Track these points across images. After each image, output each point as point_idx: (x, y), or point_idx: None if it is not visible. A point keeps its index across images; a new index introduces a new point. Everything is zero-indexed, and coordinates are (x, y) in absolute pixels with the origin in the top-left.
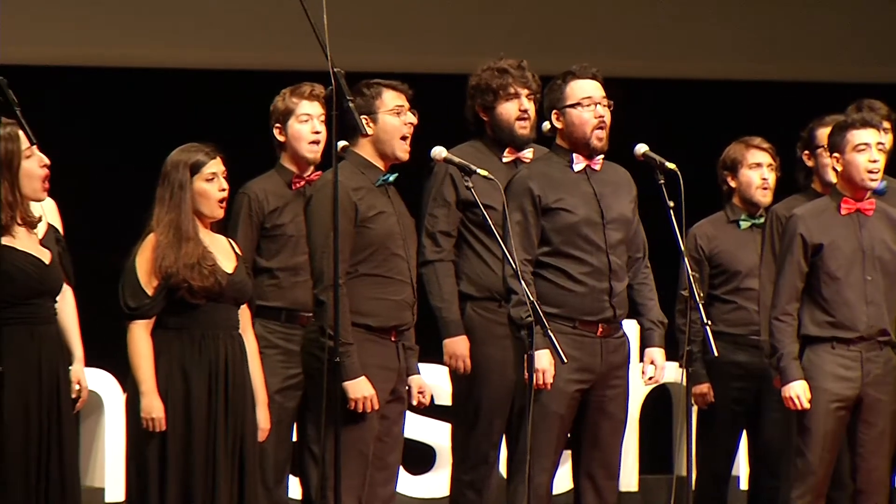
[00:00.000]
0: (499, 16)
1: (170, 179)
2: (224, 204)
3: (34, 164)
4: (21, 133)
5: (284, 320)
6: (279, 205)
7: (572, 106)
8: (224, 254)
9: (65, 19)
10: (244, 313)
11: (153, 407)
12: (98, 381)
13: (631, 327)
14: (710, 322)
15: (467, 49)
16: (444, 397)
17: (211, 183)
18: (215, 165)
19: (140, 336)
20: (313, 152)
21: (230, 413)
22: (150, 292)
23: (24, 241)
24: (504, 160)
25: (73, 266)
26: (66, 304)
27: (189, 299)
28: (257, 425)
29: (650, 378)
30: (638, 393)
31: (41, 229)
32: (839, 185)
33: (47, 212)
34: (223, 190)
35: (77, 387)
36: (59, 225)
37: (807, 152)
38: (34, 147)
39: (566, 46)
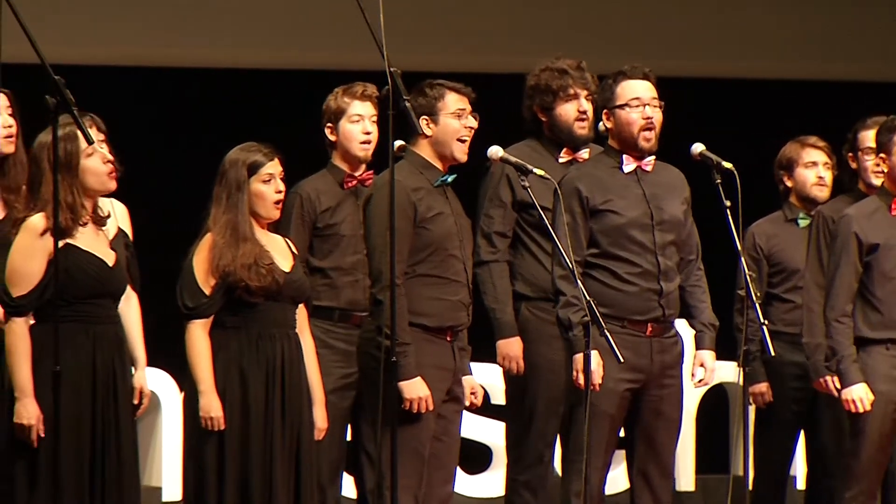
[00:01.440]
0: (554, 15)
1: (227, 179)
2: (280, 205)
3: (97, 162)
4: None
5: (338, 320)
6: (331, 204)
7: (621, 106)
8: (281, 253)
9: (122, 19)
10: (301, 313)
11: (212, 406)
12: (155, 381)
13: (685, 328)
14: (767, 322)
15: (523, 48)
16: (501, 397)
17: (268, 184)
18: (273, 167)
19: (198, 335)
20: (364, 150)
21: (287, 412)
22: (207, 292)
23: (90, 242)
24: (560, 160)
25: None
26: (131, 310)
27: (247, 299)
28: (314, 424)
29: (700, 381)
30: (695, 393)
31: (111, 230)
32: (887, 185)
33: (118, 215)
34: (279, 192)
35: (139, 393)
36: (129, 229)
37: (851, 154)
38: (99, 144)
39: (622, 45)
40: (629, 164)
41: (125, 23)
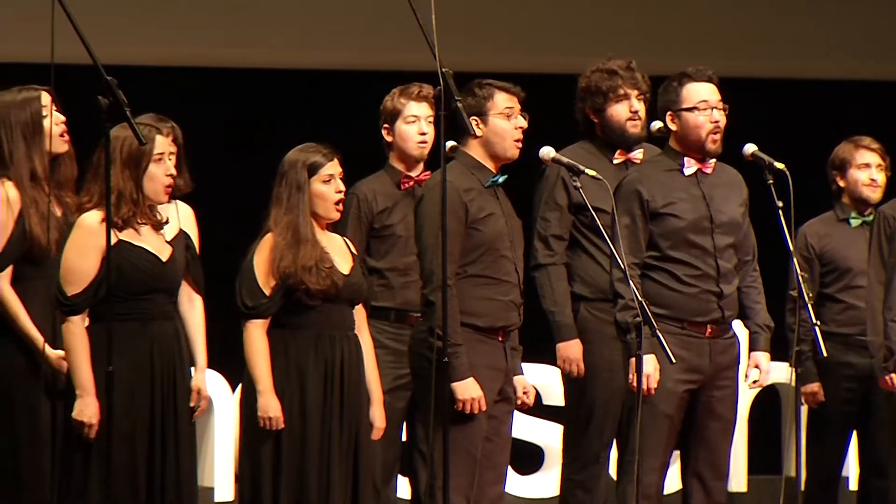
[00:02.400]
0: (608, 15)
1: (287, 179)
2: (341, 206)
3: (160, 171)
4: (159, 137)
5: (394, 320)
6: (388, 205)
7: (688, 109)
8: (341, 254)
9: (175, 20)
10: (359, 313)
11: (270, 406)
12: (209, 382)
13: (741, 329)
14: (819, 322)
15: (576, 49)
16: (555, 398)
17: (328, 184)
18: (332, 167)
19: (256, 335)
20: (420, 150)
21: (345, 413)
22: (267, 292)
23: (146, 238)
24: (614, 161)
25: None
26: (195, 313)
27: (306, 300)
28: (375, 425)
29: (754, 382)
30: (747, 393)
31: (169, 232)
32: None
33: (183, 218)
34: (340, 192)
35: (197, 395)
36: (194, 232)
37: None
38: (168, 155)
39: (674, 46)
40: (690, 167)
41: (179, 23)
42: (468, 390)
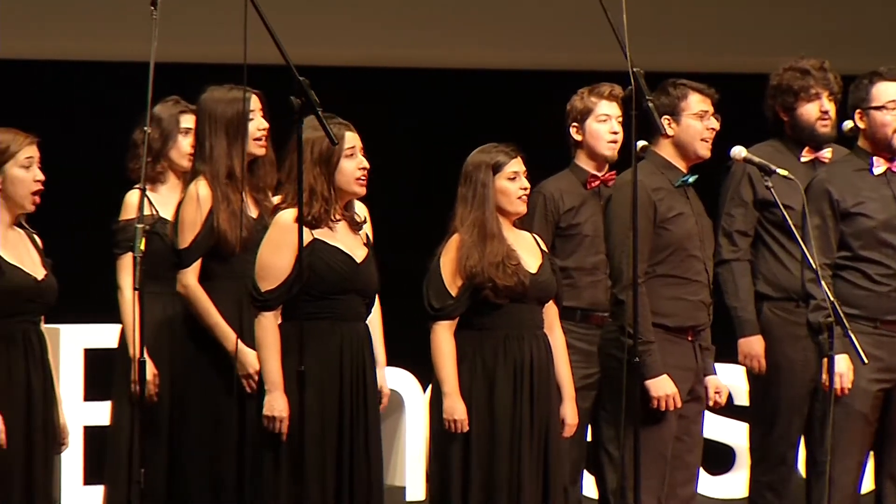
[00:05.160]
0: (798, 14)
1: (472, 179)
2: (525, 199)
3: (353, 165)
4: (348, 133)
5: (580, 320)
6: (574, 204)
7: (877, 108)
8: (529, 252)
9: (363, 20)
10: (550, 310)
11: (455, 408)
12: (399, 381)
13: None
14: None
15: (765, 48)
16: (743, 397)
17: (513, 181)
18: (516, 164)
19: (443, 337)
20: (612, 150)
21: (535, 413)
22: (453, 293)
23: (341, 238)
24: (802, 160)
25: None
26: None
27: (493, 299)
28: (566, 422)
29: None
30: None
31: (364, 232)
32: None
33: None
34: (524, 189)
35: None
36: (368, 229)
37: None
38: (357, 149)
39: (868, 46)
40: (879, 167)
41: (367, 25)
42: (663, 387)
